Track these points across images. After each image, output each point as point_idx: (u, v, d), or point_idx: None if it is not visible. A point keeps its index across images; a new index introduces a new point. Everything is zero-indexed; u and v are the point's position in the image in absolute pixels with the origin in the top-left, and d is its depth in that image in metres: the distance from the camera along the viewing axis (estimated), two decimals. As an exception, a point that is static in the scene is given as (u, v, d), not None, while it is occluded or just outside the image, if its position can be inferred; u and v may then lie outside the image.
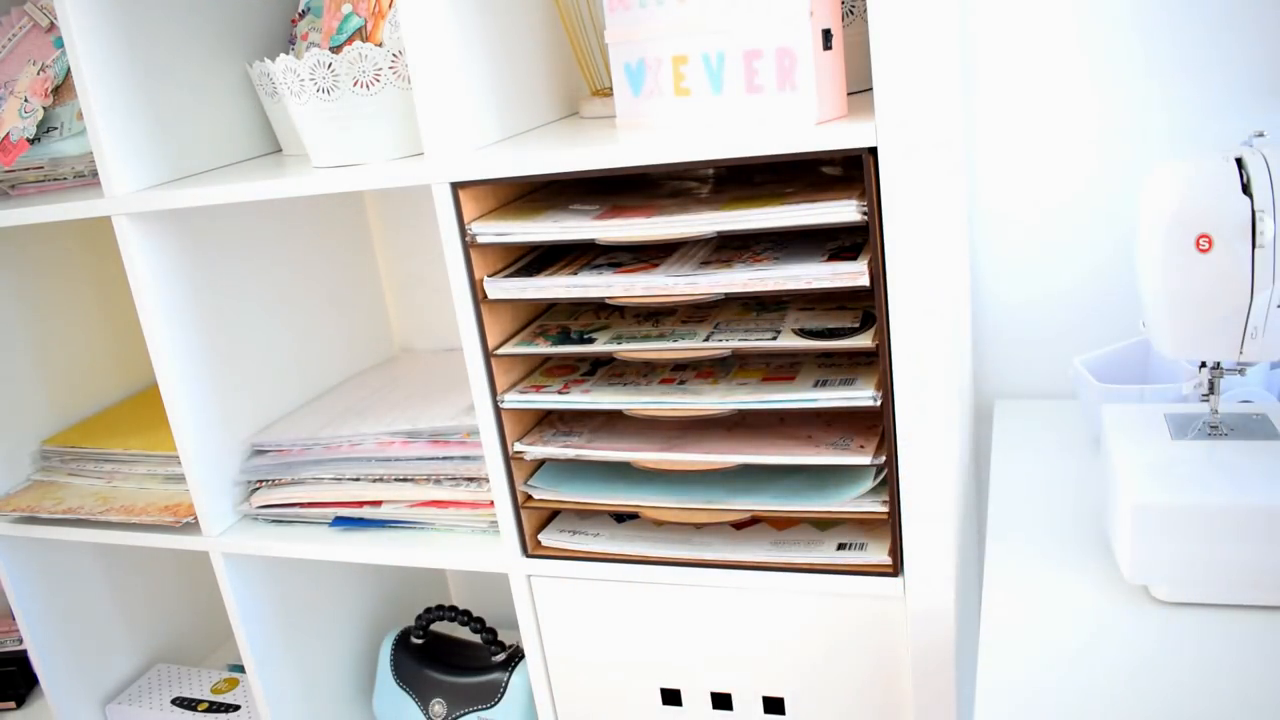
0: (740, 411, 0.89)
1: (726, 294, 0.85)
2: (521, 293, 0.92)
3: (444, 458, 1.06)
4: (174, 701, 1.39)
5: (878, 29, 0.72)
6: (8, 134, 1.12)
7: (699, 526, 0.97)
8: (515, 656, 1.20)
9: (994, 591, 0.83)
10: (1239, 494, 0.76)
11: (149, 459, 1.22)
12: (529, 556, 0.99)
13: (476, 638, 1.23)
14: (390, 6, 0.97)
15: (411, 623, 1.30)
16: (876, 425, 0.90)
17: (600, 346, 0.93)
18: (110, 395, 1.43)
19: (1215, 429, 0.86)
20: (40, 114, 1.12)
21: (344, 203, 1.35)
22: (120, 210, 1.02)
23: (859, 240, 0.87)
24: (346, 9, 1.00)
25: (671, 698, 0.99)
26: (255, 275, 1.19)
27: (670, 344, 0.91)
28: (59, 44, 1.13)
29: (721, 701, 0.97)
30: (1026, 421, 1.08)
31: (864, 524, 0.93)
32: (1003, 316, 1.17)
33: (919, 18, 0.71)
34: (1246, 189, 0.81)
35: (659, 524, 0.97)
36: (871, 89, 0.74)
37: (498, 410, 0.96)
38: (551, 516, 1.03)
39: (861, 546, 0.90)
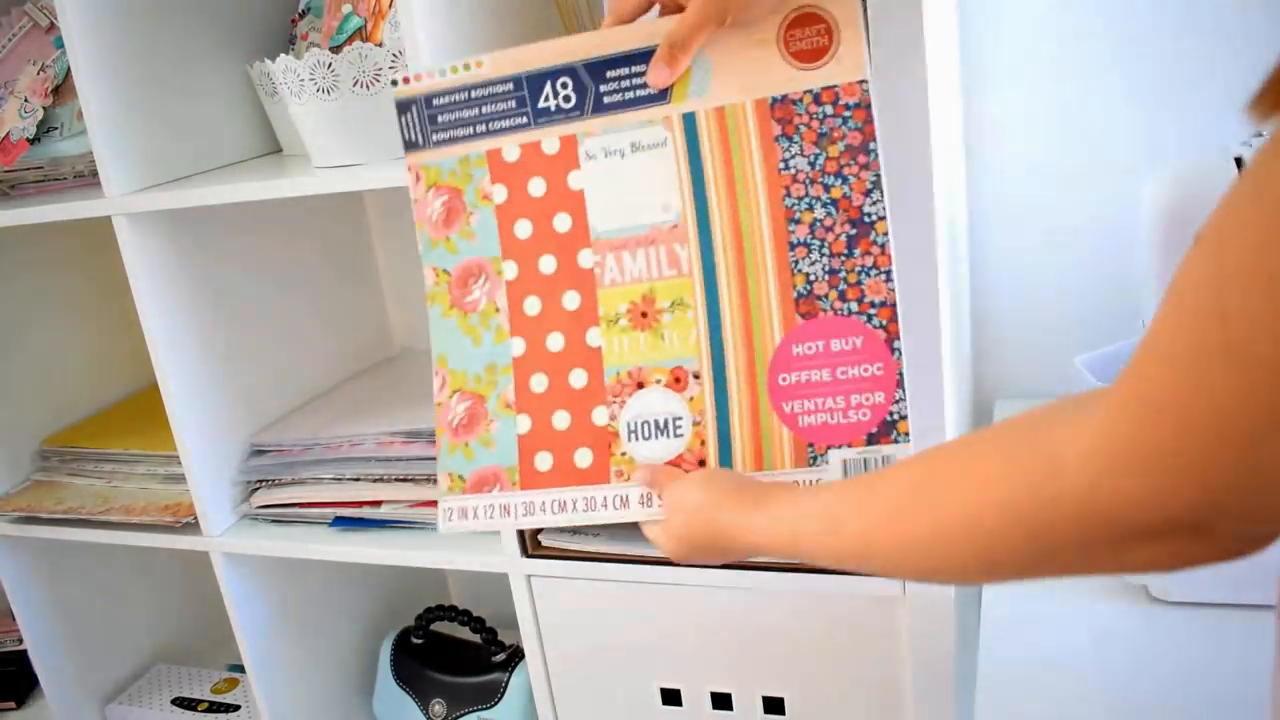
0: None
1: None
2: (521, 292, 0.92)
3: (444, 458, 1.06)
4: (174, 701, 1.39)
5: (877, 30, 0.72)
6: (8, 134, 1.12)
7: (699, 526, 0.97)
8: (515, 656, 1.20)
9: (994, 591, 0.83)
10: (1239, 494, 0.76)
11: (149, 459, 1.22)
12: (529, 556, 0.99)
13: (476, 638, 1.23)
14: (390, 6, 0.97)
15: (411, 623, 1.30)
16: (876, 425, 0.90)
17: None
18: (110, 395, 1.42)
19: (1215, 429, 0.86)
20: (40, 114, 1.12)
21: (344, 203, 1.35)
22: (120, 210, 1.02)
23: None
24: (346, 9, 1.00)
25: (671, 698, 0.99)
26: (255, 275, 1.19)
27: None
28: (59, 44, 1.13)
29: (721, 701, 0.97)
30: (1026, 421, 1.08)
31: (864, 524, 0.93)
32: (1003, 316, 1.17)
33: (918, 16, 0.71)
34: (1246, 189, 0.80)
35: (659, 524, 0.97)
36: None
37: (498, 410, 0.96)
38: (551, 516, 1.03)
39: (861, 546, 0.90)
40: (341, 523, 1.11)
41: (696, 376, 0.61)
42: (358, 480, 1.09)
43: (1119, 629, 0.77)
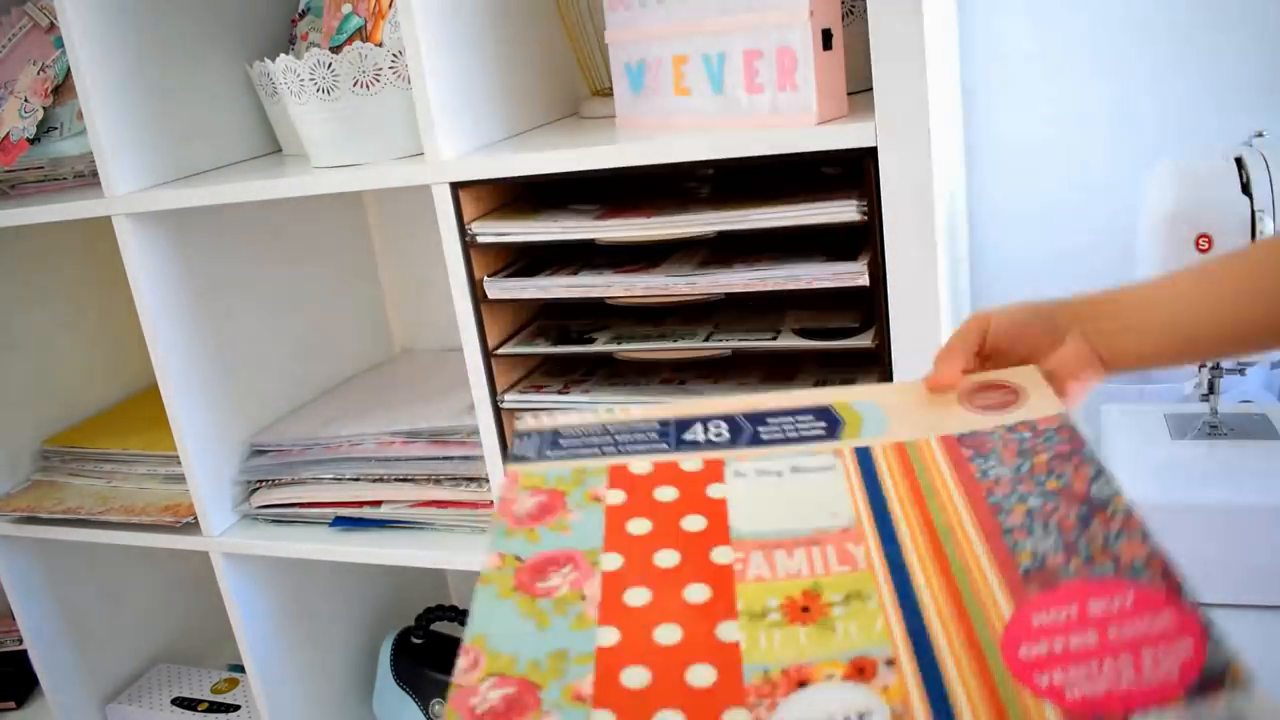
0: (740, 412, 0.88)
1: (726, 294, 0.85)
2: (521, 293, 0.92)
3: (444, 458, 1.06)
4: (174, 701, 1.39)
5: (878, 29, 0.72)
6: (8, 134, 1.12)
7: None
8: (515, 656, 1.20)
9: (994, 591, 0.82)
10: (1239, 494, 0.76)
11: (149, 459, 1.22)
12: (529, 556, 0.99)
13: (476, 638, 1.22)
14: (390, 6, 0.97)
15: (411, 623, 1.30)
16: (876, 425, 0.90)
17: (600, 346, 0.93)
18: (110, 395, 1.42)
19: (1215, 429, 0.86)
20: (40, 114, 1.12)
21: (344, 203, 1.35)
22: (120, 210, 1.02)
23: (860, 240, 0.87)
24: (346, 9, 1.00)
25: (671, 698, 0.98)
26: (255, 275, 1.19)
27: (670, 344, 0.91)
28: (59, 44, 1.13)
29: (721, 701, 0.96)
30: (1026, 421, 1.08)
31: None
32: (1003, 316, 1.16)
33: (918, 18, 0.71)
34: (1246, 188, 0.81)
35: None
36: (871, 89, 0.74)
37: (498, 410, 0.96)
38: (551, 516, 1.02)
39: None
40: (341, 523, 1.11)
41: (891, 663, 0.43)
42: (358, 480, 1.09)
43: (1119, 629, 0.76)
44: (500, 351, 0.95)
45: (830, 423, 0.55)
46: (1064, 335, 0.60)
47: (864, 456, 0.52)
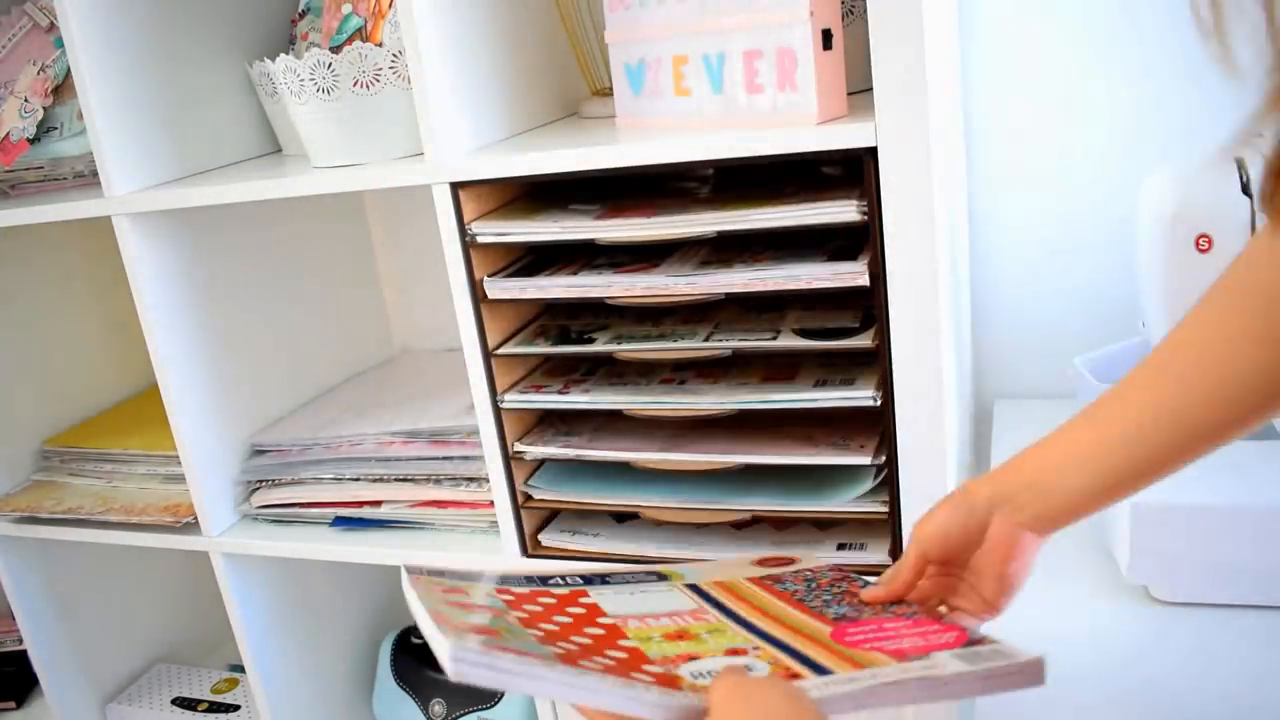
0: (740, 411, 0.89)
1: (726, 294, 0.85)
2: (521, 293, 0.92)
3: (444, 458, 1.06)
4: (174, 701, 1.39)
5: (877, 29, 0.72)
6: (8, 134, 1.12)
7: (699, 526, 0.97)
8: (515, 656, 1.20)
9: (994, 591, 0.82)
10: (1239, 494, 0.76)
11: (149, 459, 1.22)
12: (529, 556, 0.99)
13: (476, 638, 1.23)
14: (390, 6, 0.97)
15: (411, 623, 1.30)
16: (876, 425, 0.90)
17: (600, 346, 0.93)
18: (110, 395, 1.43)
19: (1215, 429, 0.86)
20: (40, 114, 1.12)
21: (344, 203, 1.35)
22: (120, 210, 1.02)
23: (860, 240, 0.87)
24: (346, 9, 1.00)
25: (671, 698, 0.99)
26: (255, 275, 1.19)
27: (670, 344, 0.91)
28: (59, 44, 1.13)
29: (721, 701, 0.97)
30: (1026, 421, 1.08)
31: (864, 524, 0.93)
32: (1003, 316, 1.17)
33: (918, 18, 0.71)
34: (1246, 189, 0.81)
35: (659, 524, 0.97)
36: (871, 89, 0.74)
37: (498, 410, 0.96)
38: (551, 516, 1.03)
39: (861, 546, 0.90)
40: (341, 523, 1.11)
41: (756, 649, 0.59)
42: (358, 480, 1.09)
43: (1119, 629, 0.77)
44: (500, 351, 0.95)
45: (661, 577, 0.70)
46: (989, 521, 0.62)
47: (694, 587, 0.69)
